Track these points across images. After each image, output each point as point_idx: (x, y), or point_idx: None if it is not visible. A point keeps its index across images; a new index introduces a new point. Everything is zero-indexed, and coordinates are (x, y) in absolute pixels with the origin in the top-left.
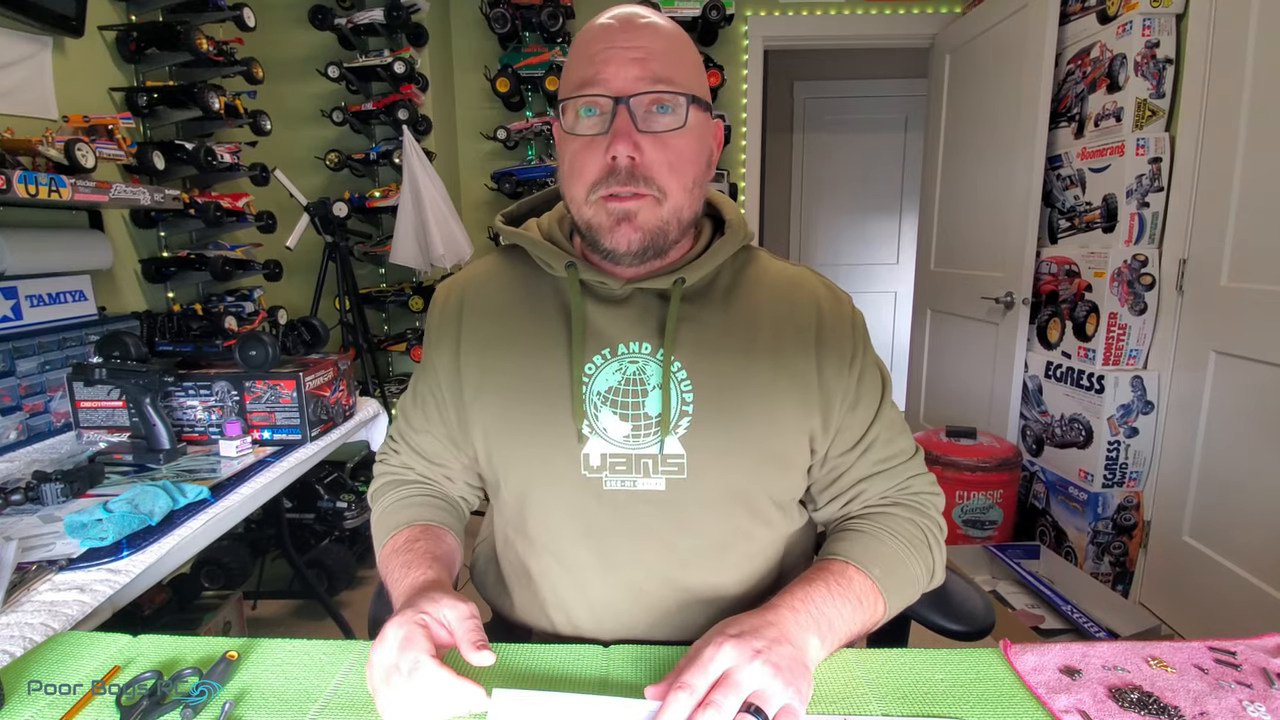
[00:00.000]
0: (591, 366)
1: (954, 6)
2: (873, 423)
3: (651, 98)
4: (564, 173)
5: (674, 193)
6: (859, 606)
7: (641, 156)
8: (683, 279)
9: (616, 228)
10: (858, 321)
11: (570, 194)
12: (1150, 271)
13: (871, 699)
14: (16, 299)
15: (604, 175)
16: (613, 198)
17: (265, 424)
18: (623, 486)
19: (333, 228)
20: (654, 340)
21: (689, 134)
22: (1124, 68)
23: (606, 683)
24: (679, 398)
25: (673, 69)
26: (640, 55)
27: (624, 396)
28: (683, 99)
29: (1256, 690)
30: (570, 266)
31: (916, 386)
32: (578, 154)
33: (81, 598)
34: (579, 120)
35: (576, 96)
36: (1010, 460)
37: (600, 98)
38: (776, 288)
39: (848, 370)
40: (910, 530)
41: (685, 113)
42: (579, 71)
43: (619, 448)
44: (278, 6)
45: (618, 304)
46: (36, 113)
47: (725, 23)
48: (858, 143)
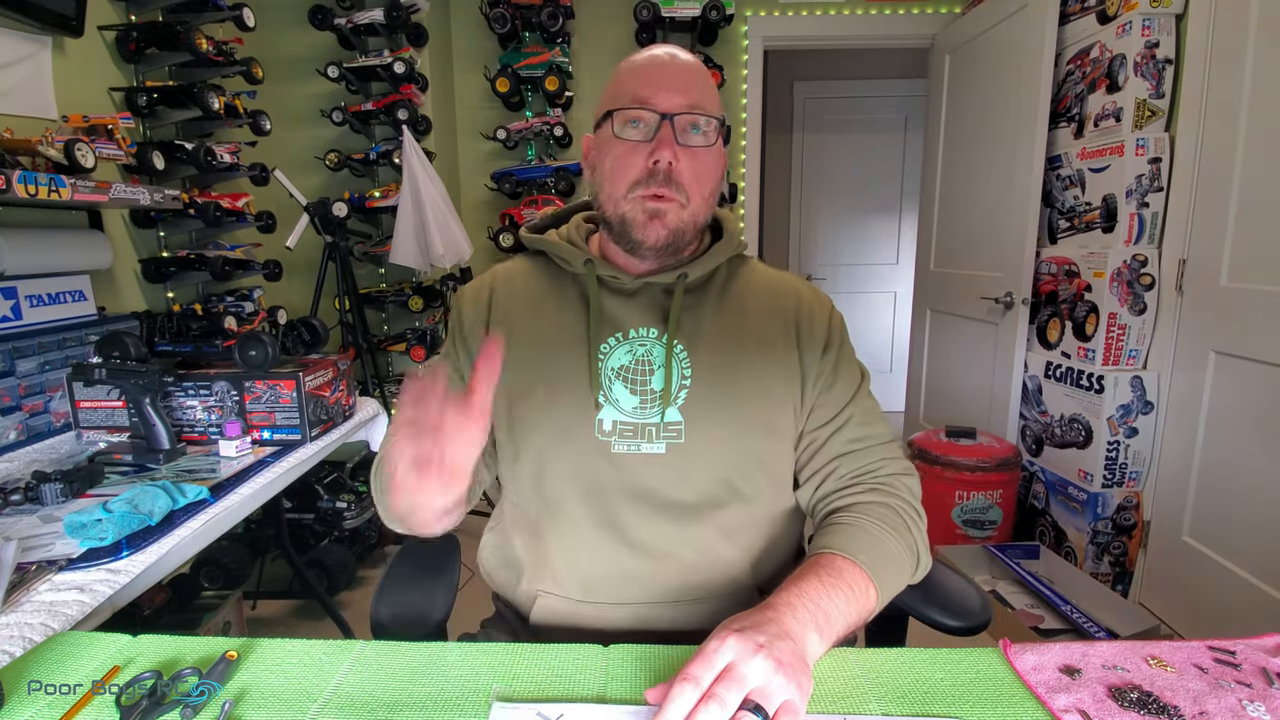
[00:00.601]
0: (606, 347)
1: (954, 6)
2: (848, 404)
3: (690, 118)
4: (605, 172)
5: (696, 199)
6: (852, 595)
7: (678, 164)
8: (685, 274)
9: (650, 223)
10: (835, 319)
11: (609, 190)
12: (1150, 271)
13: (871, 698)
14: (16, 299)
15: (645, 176)
16: (651, 197)
17: (265, 424)
18: (628, 450)
19: (332, 228)
20: (660, 326)
21: (714, 152)
22: (1124, 68)
23: (606, 683)
24: (679, 374)
25: (707, 99)
26: (683, 85)
27: (634, 374)
28: (715, 122)
29: (1256, 690)
30: (588, 263)
31: (916, 386)
32: (623, 156)
33: (81, 598)
34: (628, 128)
35: (630, 108)
36: (1010, 460)
37: (648, 113)
38: (765, 286)
39: (822, 355)
40: (885, 514)
41: (715, 135)
42: (632, 89)
43: (628, 417)
44: (278, 6)
45: (629, 295)
46: (36, 113)
47: (725, 23)
48: (858, 143)
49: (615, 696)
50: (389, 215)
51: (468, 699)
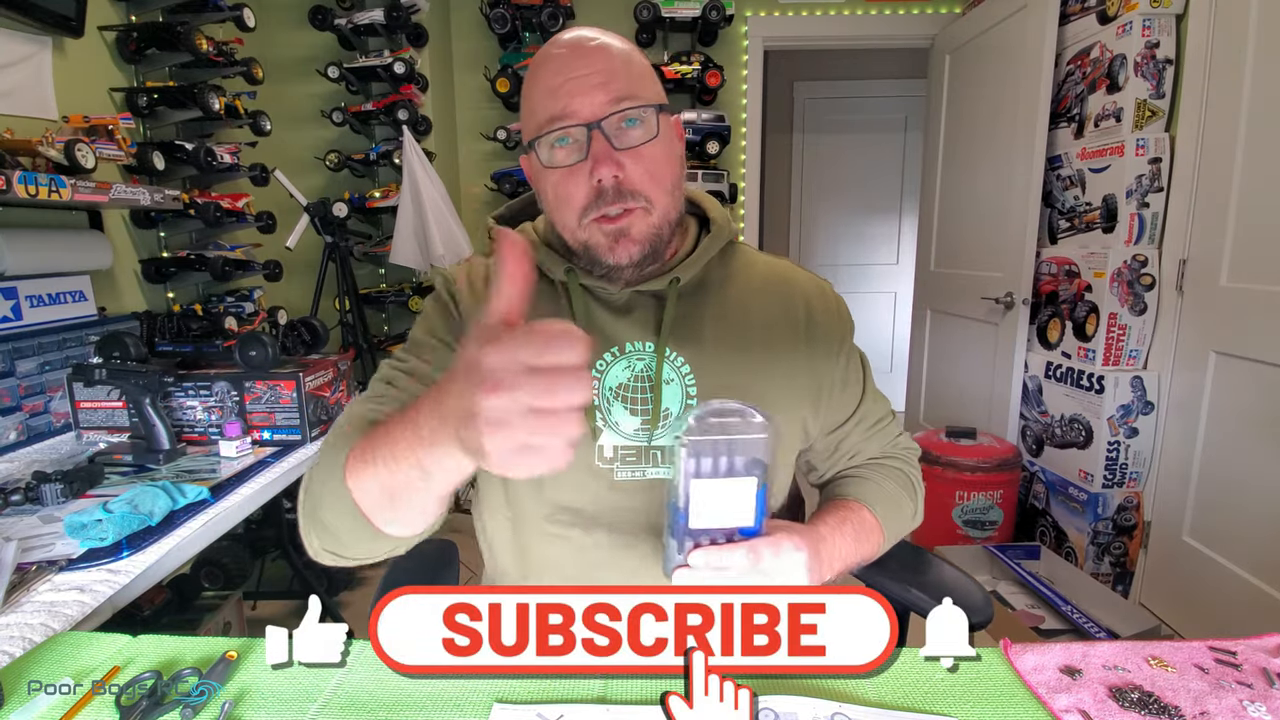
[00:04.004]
0: (602, 364)
1: (954, 7)
2: (862, 397)
3: (620, 115)
4: (550, 203)
5: (659, 199)
6: (859, 541)
7: (624, 173)
8: (678, 279)
9: (615, 245)
10: (842, 309)
11: (562, 221)
12: (1150, 272)
13: (871, 698)
14: (16, 299)
15: (593, 199)
16: (605, 219)
17: (265, 424)
18: (633, 477)
19: (333, 228)
20: (656, 339)
21: (660, 142)
22: (1124, 68)
23: (606, 684)
24: (683, 391)
25: (634, 85)
26: (600, 79)
27: (633, 392)
28: (650, 110)
29: (1256, 690)
30: (570, 272)
31: (916, 386)
32: (560, 184)
33: (81, 598)
34: (555, 151)
35: (549, 132)
36: (1010, 460)
37: (572, 128)
38: (766, 283)
39: (837, 356)
40: (900, 476)
41: (655, 123)
42: (544, 108)
43: (630, 440)
44: (278, 6)
45: (619, 307)
46: (36, 113)
47: (725, 23)
48: (858, 143)
49: (615, 698)
50: (389, 215)
51: (468, 699)
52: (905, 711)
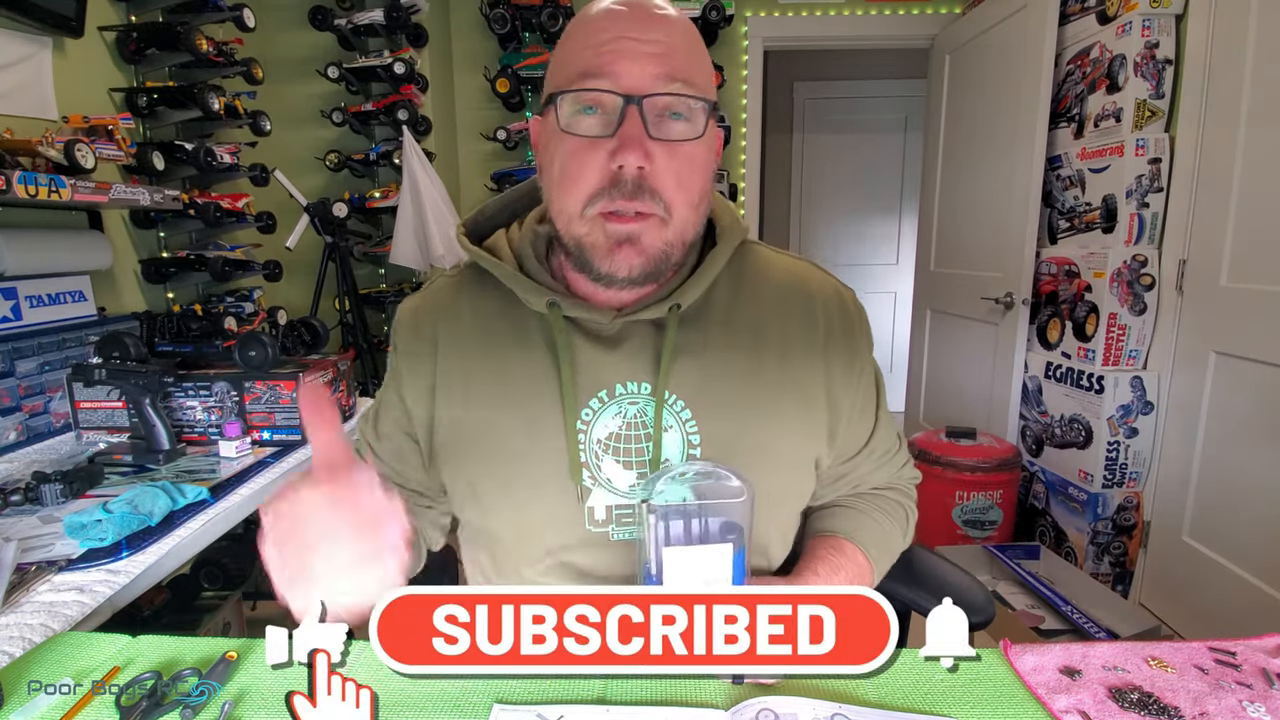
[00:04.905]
0: (589, 412)
1: (954, 7)
2: (875, 427)
3: (668, 100)
4: (552, 178)
5: (680, 210)
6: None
7: (651, 166)
8: (678, 305)
9: (616, 251)
10: (863, 319)
11: (560, 205)
12: (1150, 272)
13: (871, 698)
14: (16, 299)
15: (605, 186)
16: (614, 216)
17: (265, 424)
18: (630, 538)
19: (332, 228)
20: (653, 379)
21: (702, 145)
22: (1123, 68)
23: (606, 685)
24: (684, 440)
25: (693, 69)
26: (658, 50)
27: (626, 442)
28: (703, 105)
29: (1256, 690)
30: (553, 305)
31: (916, 386)
32: (573, 156)
33: (81, 598)
34: (578, 117)
35: (579, 90)
36: (1010, 461)
37: (607, 94)
38: (782, 295)
39: (855, 378)
40: (898, 511)
41: (704, 122)
42: (580, 60)
43: (625, 498)
44: (278, 7)
45: (609, 340)
46: (36, 113)
47: (725, 23)
48: (858, 143)
49: (615, 698)
50: (389, 215)
51: (467, 699)
52: (905, 712)
